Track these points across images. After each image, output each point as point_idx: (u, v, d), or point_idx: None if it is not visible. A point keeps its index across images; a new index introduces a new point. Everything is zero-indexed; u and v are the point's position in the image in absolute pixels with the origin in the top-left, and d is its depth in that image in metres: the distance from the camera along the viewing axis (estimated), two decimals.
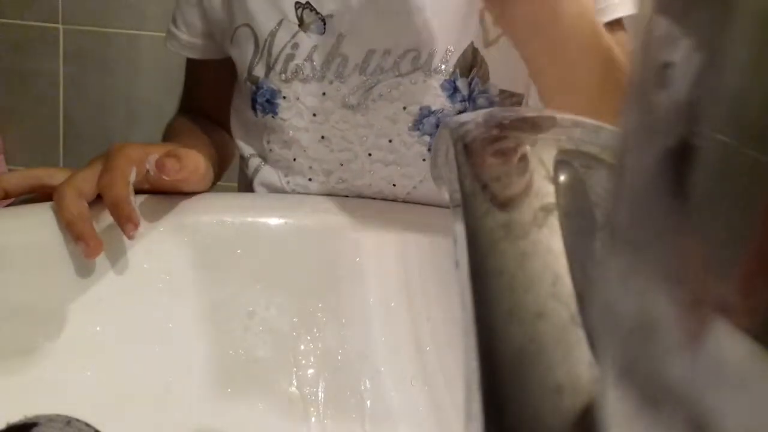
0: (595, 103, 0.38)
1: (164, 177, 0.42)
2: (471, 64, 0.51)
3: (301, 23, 0.51)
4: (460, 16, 0.50)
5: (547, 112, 0.21)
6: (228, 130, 0.62)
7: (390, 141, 0.53)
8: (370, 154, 0.54)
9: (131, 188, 0.42)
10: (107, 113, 1.38)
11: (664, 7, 0.11)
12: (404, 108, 0.52)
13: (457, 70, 0.51)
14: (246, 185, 0.61)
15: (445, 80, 0.51)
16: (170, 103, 0.72)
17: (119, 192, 0.41)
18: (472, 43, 0.51)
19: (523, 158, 0.18)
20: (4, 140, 1.36)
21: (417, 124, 0.53)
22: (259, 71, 0.53)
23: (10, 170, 1.34)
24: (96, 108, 1.38)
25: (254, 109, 0.55)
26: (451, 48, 0.51)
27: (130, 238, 0.41)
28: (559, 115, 0.21)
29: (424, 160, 0.54)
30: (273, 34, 0.52)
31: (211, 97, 0.65)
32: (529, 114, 0.21)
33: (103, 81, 1.36)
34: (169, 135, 0.61)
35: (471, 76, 0.52)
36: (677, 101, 0.11)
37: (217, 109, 0.64)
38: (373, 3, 0.50)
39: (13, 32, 1.32)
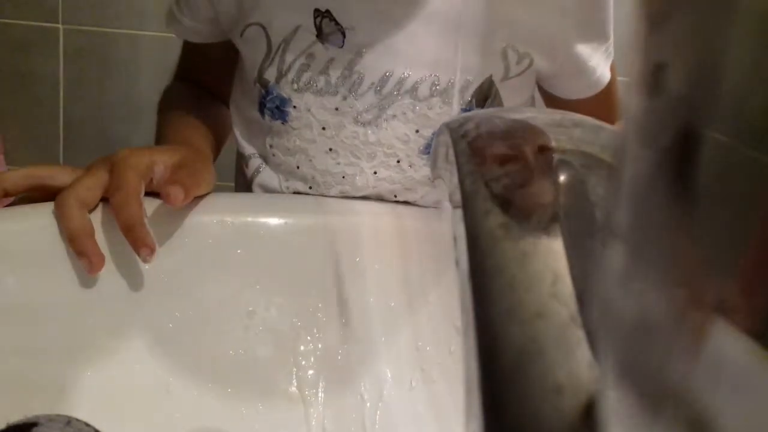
0: None
1: (170, 205, 0.42)
2: (486, 95, 0.52)
3: (320, 33, 0.50)
4: (481, 51, 0.50)
5: (548, 112, 0.21)
6: (226, 102, 0.61)
7: (398, 161, 0.53)
8: (375, 172, 0.53)
9: (144, 208, 0.42)
10: (107, 113, 1.38)
11: (660, 7, 0.11)
12: (417, 131, 0.52)
13: (474, 100, 0.51)
14: (245, 185, 0.60)
15: (461, 109, 0.51)
16: None
17: (133, 213, 0.40)
18: (490, 75, 0.51)
19: (524, 158, 0.18)
20: (4, 140, 1.36)
21: (428, 148, 0.53)
22: (270, 75, 0.52)
23: (9, 170, 1.34)
24: (96, 108, 1.38)
25: (262, 112, 0.54)
26: (470, 78, 0.51)
27: (146, 262, 0.40)
28: (560, 115, 0.21)
29: (430, 179, 0.54)
30: (287, 41, 0.50)
31: (211, 71, 0.63)
32: (530, 114, 0.21)
33: (103, 81, 1.36)
34: (166, 118, 0.59)
35: (486, 107, 0.52)
36: (675, 101, 0.11)
37: (216, 82, 0.63)
38: (399, 25, 0.49)
39: (13, 32, 1.32)
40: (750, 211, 0.10)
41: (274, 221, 0.47)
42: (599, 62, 0.54)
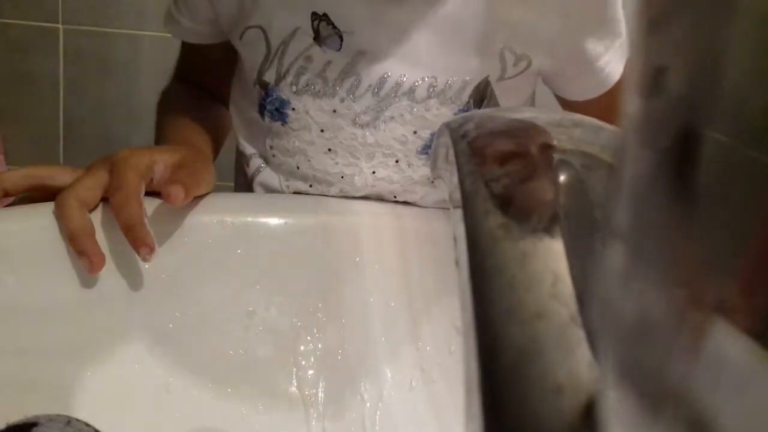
0: None
1: (170, 205, 0.42)
2: (482, 95, 0.52)
3: (317, 36, 0.50)
4: (479, 52, 0.50)
5: (548, 112, 0.21)
6: (225, 103, 0.61)
7: (397, 161, 0.53)
8: (374, 172, 0.53)
9: (144, 208, 0.42)
10: (107, 113, 1.38)
11: (660, 8, 0.11)
12: (415, 132, 0.52)
13: (471, 101, 0.51)
14: (245, 184, 0.60)
15: (459, 109, 0.51)
16: None
17: (133, 213, 0.40)
18: (487, 76, 0.51)
19: (524, 158, 0.18)
20: (4, 140, 1.36)
21: (426, 149, 0.53)
22: (269, 77, 0.52)
23: (10, 170, 1.34)
24: (96, 108, 1.38)
25: (262, 113, 0.54)
26: (468, 79, 0.51)
27: (145, 261, 0.40)
28: (560, 115, 0.21)
29: (429, 179, 0.54)
30: (286, 43, 0.50)
31: (211, 72, 0.63)
32: (530, 114, 0.21)
33: (103, 81, 1.36)
34: (165, 119, 0.59)
35: (483, 107, 0.52)
36: (675, 101, 0.11)
37: (216, 83, 0.63)
38: (397, 28, 0.49)
39: (13, 32, 1.32)
40: (750, 211, 0.10)
41: (274, 221, 0.47)
42: (610, 60, 0.53)
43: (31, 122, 1.38)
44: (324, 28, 0.49)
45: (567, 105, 0.58)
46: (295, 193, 0.56)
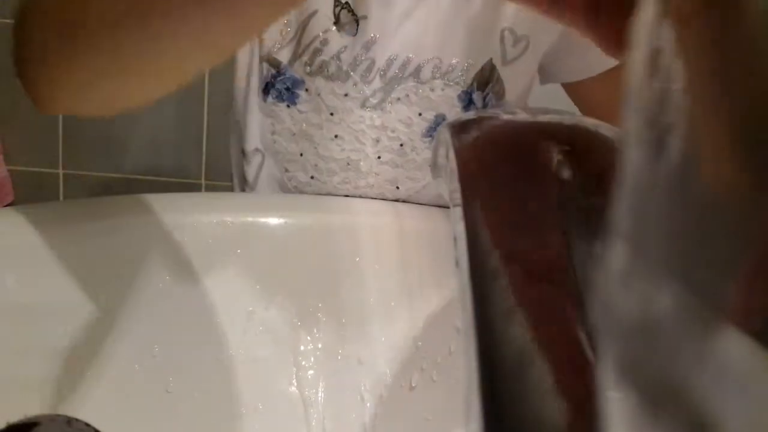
0: None
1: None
2: (488, 79, 0.53)
3: (337, 22, 0.51)
4: (482, 33, 0.51)
5: (548, 112, 0.21)
6: None
7: (401, 145, 0.54)
8: (379, 157, 0.54)
9: None
10: None
11: None
12: (420, 114, 0.53)
13: (475, 84, 0.52)
14: (246, 184, 0.60)
15: (462, 91, 0.52)
16: (170, 103, 0.71)
17: None
18: (491, 59, 0.52)
19: (523, 158, 0.18)
20: (4, 140, 1.36)
21: (430, 131, 0.54)
22: (283, 56, 0.53)
23: (9, 170, 1.34)
24: None
25: (266, 92, 0.54)
26: (471, 61, 0.52)
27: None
28: (559, 116, 0.21)
29: (430, 165, 0.55)
30: (304, 25, 0.51)
31: None
32: (530, 114, 0.21)
33: None
34: None
35: (486, 91, 0.53)
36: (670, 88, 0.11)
37: None
38: (404, 10, 0.50)
39: None
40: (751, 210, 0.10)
41: (274, 221, 0.47)
42: None
43: (30, 122, 1.38)
44: (344, 16, 0.51)
45: (572, 90, 0.58)
46: (296, 188, 0.56)
